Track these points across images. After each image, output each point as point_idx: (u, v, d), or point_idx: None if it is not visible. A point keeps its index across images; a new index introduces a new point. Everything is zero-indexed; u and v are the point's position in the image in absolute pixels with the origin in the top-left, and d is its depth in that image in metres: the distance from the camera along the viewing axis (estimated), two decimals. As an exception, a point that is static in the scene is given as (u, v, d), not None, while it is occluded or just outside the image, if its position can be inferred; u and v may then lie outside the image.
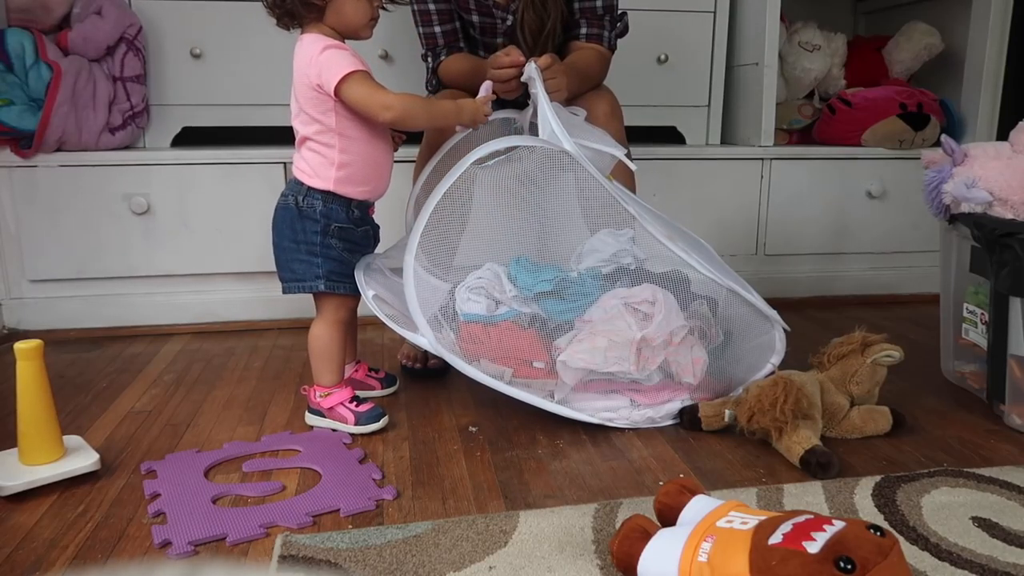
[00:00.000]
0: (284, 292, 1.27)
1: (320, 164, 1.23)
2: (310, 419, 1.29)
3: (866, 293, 2.12)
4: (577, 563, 0.88)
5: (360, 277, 1.26)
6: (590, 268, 1.32)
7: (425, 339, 1.22)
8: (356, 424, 1.24)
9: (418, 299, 1.21)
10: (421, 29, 1.55)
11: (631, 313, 1.23)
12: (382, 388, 1.41)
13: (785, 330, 1.35)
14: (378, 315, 1.22)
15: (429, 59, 1.57)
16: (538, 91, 1.27)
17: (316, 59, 1.17)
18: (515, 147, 1.27)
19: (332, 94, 1.17)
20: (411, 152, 1.61)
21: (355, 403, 1.26)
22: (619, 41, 1.62)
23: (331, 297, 1.27)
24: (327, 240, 1.24)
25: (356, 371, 1.41)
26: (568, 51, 1.54)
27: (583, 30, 1.54)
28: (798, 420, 1.14)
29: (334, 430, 1.26)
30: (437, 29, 1.53)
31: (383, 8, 1.27)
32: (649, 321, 1.22)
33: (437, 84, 1.59)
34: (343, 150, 1.22)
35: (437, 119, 1.28)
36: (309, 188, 1.23)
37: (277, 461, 1.15)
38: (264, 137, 1.90)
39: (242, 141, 1.93)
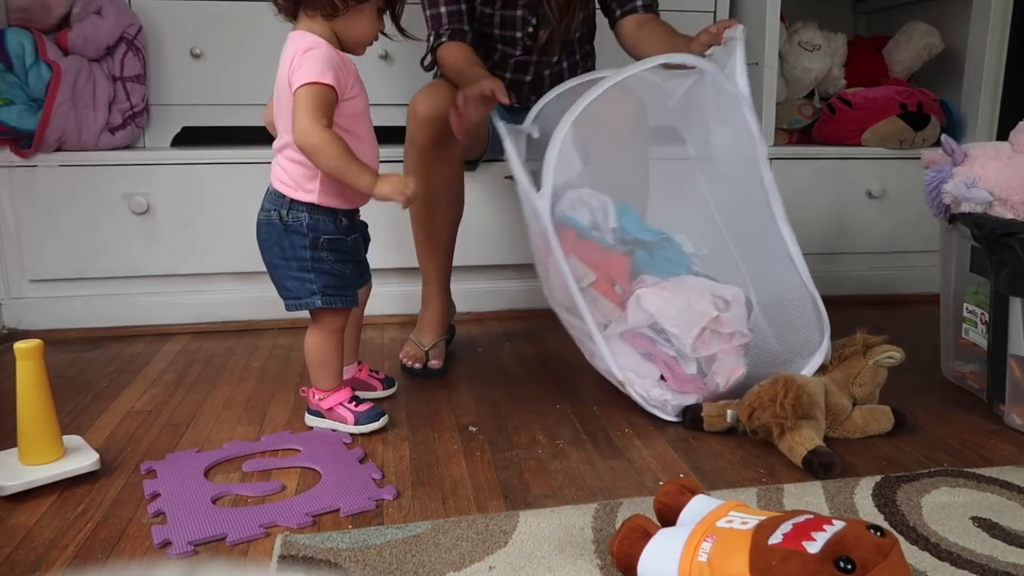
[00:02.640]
0: (287, 310, 1.24)
1: (301, 176, 1.17)
2: (310, 420, 1.29)
3: (866, 293, 2.12)
4: (577, 563, 0.88)
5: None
6: (695, 245, 1.35)
7: (543, 202, 1.23)
8: (356, 424, 1.24)
9: (556, 161, 1.22)
10: (428, 12, 1.53)
11: (712, 299, 1.25)
12: (383, 389, 1.41)
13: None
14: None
15: (431, 39, 1.55)
16: (737, 53, 1.34)
17: (298, 57, 1.12)
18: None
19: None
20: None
21: (354, 403, 1.26)
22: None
23: (327, 309, 1.24)
24: (317, 254, 1.19)
25: (360, 371, 1.40)
26: (632, 27, 1.56)
27: (639, 2, 1.57)
28: (800, 420, 1.14)
29: (334, 430, 1.26)
30: (442, 9, 1.51)
31: (382, 32, 1.24)
32: (727, 311, 1.24)
33: (432, 63, 1.58)
34: None
35: (345, 175, 1.13)
36: (292, 201, 1.18)
37: (277, 461, 1.15)
38: (264, 137, 1.89)
39: (242, 141, 1.93)
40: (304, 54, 1.12)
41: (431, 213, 1.54)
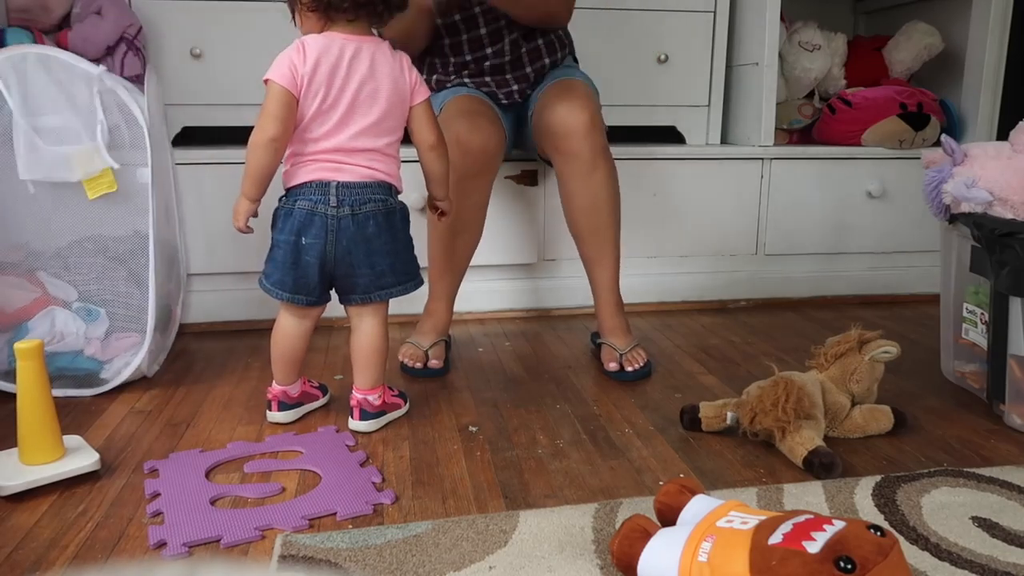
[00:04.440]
0: (401, 294, 1.25)
1: (398, 170, 1.25)
2: (361, 426, 1.26)
3: (866, 293, 2.12)
4: (577, 563, 0.88)
5: None
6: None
7: None
8: (405, 404, 1.33)
9: None
10: None
11: None
12: (323, 396, 1.39)
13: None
14: None
15: None
16: None
17: (413, 73, 1.23)
18: None
19: (411, 106, 1.24)
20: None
21: (392, 391, 1.34)
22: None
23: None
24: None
25: (305, 384, 1.36)
26: None
27: None
28: (800, 420, 1.14)
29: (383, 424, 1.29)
30: None
31: None
32: None
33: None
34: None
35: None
36: (396, 190, 1.25)
37: (278, 463, 1.15)
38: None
39: (242, 141, 1.92)
40: (412, 67, 1.24)
41: (457, 236, 1.55)
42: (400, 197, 1.27)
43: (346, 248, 1.19)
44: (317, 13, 1.17)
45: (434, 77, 1.66)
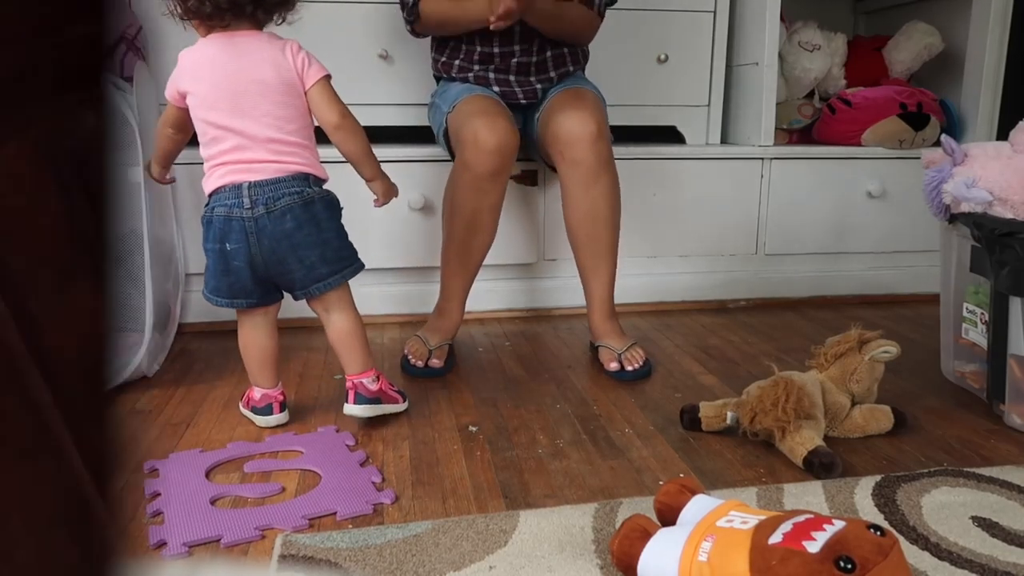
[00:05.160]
0: (340, 283, 1.23)
1: (314, 156, 1.23)
2: (356, 410, 1.25)
3: (866, 293, 2.12)
4: (577, 563, 0.88)
5: None
6: None
7: None
8: (404, 402, 1.32)
9: None
10: None
11: None
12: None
13: None
14: None
15: None
16: None
17: (299, 55, 1.19)
18: None
19: (306, 89, 1.20)
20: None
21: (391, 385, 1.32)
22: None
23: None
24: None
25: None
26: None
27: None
28: (800, 420, 1.14)
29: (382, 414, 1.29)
30: None
31: None
32: None
33: (415, 19, 1.59)
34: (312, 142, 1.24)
35: (371, 156, 1.28)
36: (316, 178, 1.22)
37: (278, 463, 1.15)
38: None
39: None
40: (300, 51, 1.20)
41: (472, 237, 1.53)
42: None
43: (269, 248, 1.18)
44: (195, 22, 1.22)
45: (456, 62, 1.65)
